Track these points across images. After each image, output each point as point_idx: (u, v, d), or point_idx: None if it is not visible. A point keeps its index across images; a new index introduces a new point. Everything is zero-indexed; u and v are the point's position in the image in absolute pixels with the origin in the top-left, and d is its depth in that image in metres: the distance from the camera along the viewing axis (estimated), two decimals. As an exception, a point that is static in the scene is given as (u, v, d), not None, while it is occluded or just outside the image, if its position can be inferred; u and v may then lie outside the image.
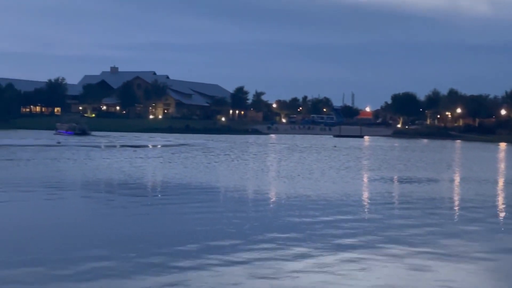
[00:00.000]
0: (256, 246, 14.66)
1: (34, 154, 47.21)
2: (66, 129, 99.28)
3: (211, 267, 12.63)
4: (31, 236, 15.49)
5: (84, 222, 17.96)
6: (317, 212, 20.49)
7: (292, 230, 16.90)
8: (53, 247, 14.17)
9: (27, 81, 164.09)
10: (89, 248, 14.07)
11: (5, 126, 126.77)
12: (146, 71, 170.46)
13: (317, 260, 13.46)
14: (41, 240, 15.08)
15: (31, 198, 22.74)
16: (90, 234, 15.94)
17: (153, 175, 33.52)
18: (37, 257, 13.12)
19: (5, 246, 14.16)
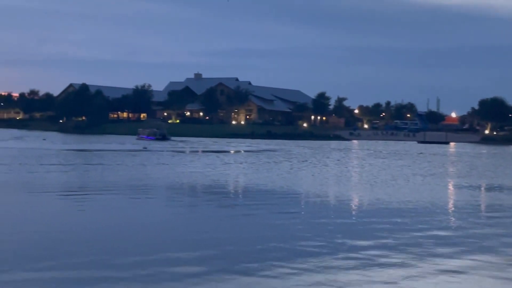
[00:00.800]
0: (342, 254, 14.52)
1: (122, 159, 48.72)
2: (147, 134, 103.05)
3: (301, 273, 12.62)
4: (117, 238, 15.91)
5: (167, 224, 18.32)
6: (401, 219, 20.09)
7: (376, 238, 16.64)
8: (138, 249, 14.52)
9: (115, 88, 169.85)
10: (173, 251, 14.34)
11: (95, 131, 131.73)
12: (229, 78, 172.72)
13: (410, 270, 13.11)
14: (126, 242, 15.46)
15: (118, 201, 23.42)
16: (173, 237, 16.26)
17: (236, 180, 33.86)
18: (121, 260, 13.51)
19: (92, 247, 14.61)
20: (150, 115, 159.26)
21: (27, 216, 19.02)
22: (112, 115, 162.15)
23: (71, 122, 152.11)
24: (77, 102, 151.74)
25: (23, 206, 21.01)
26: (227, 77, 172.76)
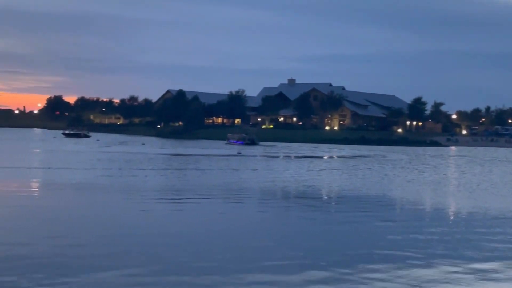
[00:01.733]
0: (443, 267, 14.16)
1: (217, 163, 49.63)
2: (236, 139, 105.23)
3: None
4: (210, 243, 16.18)
5: (260, 229, 18.48)
6: (502, 229, 19.32)
7: (477, 248, 16.10)
8: (230, 255, 14.73)
9: (210, 93, 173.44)
10: (269, 259, 14.46)
11: (190, 136, 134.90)
12: (322, 83, 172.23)
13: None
14: (220, 247, 15.70)
15: (213, 205, 23.85)
16: (267, 241, 16.37)
17: (330, 186, 33.68)
18: (215, 264, 13.76)
19: (184, 250, 14.94)
20: (244, 121, 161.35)
21: (125, 219, 19.71)
22: (207, 120, 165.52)
23: (168, 127, 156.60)
24: (174, 108, 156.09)
25: (123, 209, 21.80)
26: (320, 83, 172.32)
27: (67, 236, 15.80)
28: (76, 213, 20.04)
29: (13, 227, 16.74)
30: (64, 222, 18.05)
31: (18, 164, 41.76)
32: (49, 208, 20.97)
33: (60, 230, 16.68)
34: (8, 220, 18.06)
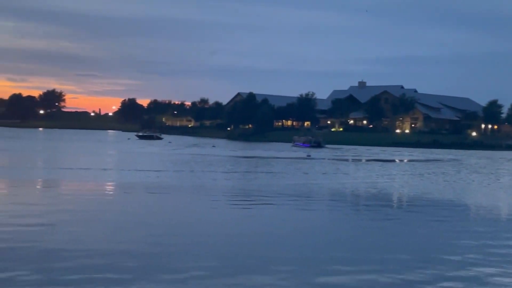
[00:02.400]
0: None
1: (287, 166, 49.68)
2: (302, 142, 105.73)
3: None
4: (278, 246, 16.22)
5: (330, 232, 18.38)
6: None
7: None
8: (298, 260, 14.73)
9: (280, 96, 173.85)
10: (338, 262, 14.39)
11: (259, 139, 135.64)
12: (393, 85, 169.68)
13: None
14: (288, 251, 15.72)
15: (283, 208, 23.89)
16: (335, 244, 16.28)
17: (401, 190, 33.13)
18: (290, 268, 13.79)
19: (257, 254, 15.04)
20: (313, 123, 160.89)
21: (196, 220, 20.01)
22: (277, 123, 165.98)
23: (238, 130, 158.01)
24: (244, 111, 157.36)
25: (195, 211, 22.15)
26: (391, 85, 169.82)
27: (150, 236, 16.17)
28: (153, 214, 20.52)
29: (97, 229, 17.28)
30: (143, 223, 18.49)
31: (95, 165, 43.07)
32: (126, 209, 21.54)
33: (143, 230, 17.09)
34: (90, 221, 18.66)
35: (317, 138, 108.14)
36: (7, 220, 17.66)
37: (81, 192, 26.03)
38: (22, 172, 35.45)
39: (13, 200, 22.20)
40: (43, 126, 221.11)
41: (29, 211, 19.45)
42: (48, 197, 24.23)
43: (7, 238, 14.96)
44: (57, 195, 24.90)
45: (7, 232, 15.74)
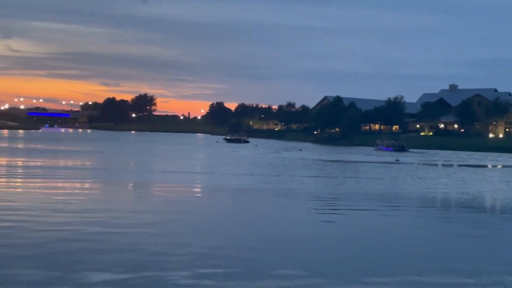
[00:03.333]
0: None
1: (374, 170, 49.06)
2: (385, 145, 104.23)
3: None
4: (364, 256, 16.04)
5: (425, 240, 18.00)
6: None
7: None
8: (389, 269, 14.53)
9: (367, 100, 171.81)
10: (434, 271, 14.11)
11: (346, 143, 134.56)
12: (486, 88, 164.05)
13: None
14: (372, 261, 15.53)
15: (370, 214, 23.62)
16: (426, 252, 15.93)
17: (497, 197, 32.00)
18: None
19: (350, 261, 14.95)
20: (402, 127, 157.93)
21: (277, 223, 20.13)
22: (364, 127, 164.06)
23: (324, 134, 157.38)
24: (331, 114, 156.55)
25: (282, 214, 22.29)
26: (484, 88, 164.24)
27: (246, 237, 16.43)
28: (246, 216, 20.84)
29: (198, 230, 17.73)
30: (231, 226, 18.82)
31: (186, 168, 44.12)
32: (218, 211, 21.97)
33: (242, 231, 17.39)
34: (193, 223, 19.17)
35: (400, 141, 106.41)
36: (105, 223, 18.38)
37: (173, 194, 26.75)
38: (116, 174, 36.83)
39: (108, 204, 23.05)
40: (135, 129, 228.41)
41: (122, 214, 20.17)
42: (141, 199, 25.07)
43: (105, 240, 15.55)
44: (151, 198, 25.72)
45: (107, 234, 16.38)
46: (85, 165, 43.69)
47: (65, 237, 15.14)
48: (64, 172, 35.84)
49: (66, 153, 57.85)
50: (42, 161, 44.91)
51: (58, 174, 34.25)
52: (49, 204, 20.74)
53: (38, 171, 35.48)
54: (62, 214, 18.69)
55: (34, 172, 34.71)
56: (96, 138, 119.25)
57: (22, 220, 17.30)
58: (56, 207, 20.08)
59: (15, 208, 19.65)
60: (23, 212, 18.82)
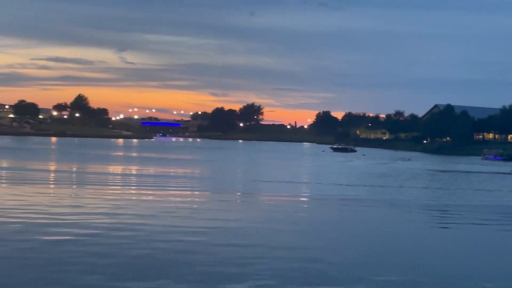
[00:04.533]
0: None
1: (489, 182, 47.00)
2: (493, 155, 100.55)
3: None
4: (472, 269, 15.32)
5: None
6: None
7: None
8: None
9: (480, 108, 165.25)
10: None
11: (457, 152, 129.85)
12: None
13: None
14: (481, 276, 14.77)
15: (487, 228, 22.60)
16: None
17: None
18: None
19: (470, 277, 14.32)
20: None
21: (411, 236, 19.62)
22: (477, 136, 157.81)
23: (434, 143, 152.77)
24: (441, 123, 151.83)
25: (390, 225, 21.76)
26: None
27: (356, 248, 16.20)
28: (356, 227, 20.55)
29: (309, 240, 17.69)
30: (349, 236, 18.59)
31: (293, 178, 44.20)
32: (330, 222, 21.80)
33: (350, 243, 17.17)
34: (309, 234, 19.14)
35: (509, 151, 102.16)
36: (212, 236, 18.66)
37: (281, 204, 26.82)
38: (226, 183, 37.47)
39: (217, 214, 23.40)
40: (243, 138, 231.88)
41: (235, 225, 20.41)
42: (249, 209, 25.31)
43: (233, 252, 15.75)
44: (260, 207, 25.91)
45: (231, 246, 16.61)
46: (198, 173, 44.81)
47: (195, 249, 15.22)
48: (175, 181, 36.88)
49: (177, 162, 59.61)
50: (154, 169, 46.56)
51: (169, 183, 35.29)
52: (166, 212, 21.34)
53: (151, 179, 36.78)
54: (190, 222, 19.15)
55: (152, 180, 36.00)
56: (205, 147, 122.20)
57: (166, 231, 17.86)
58: (179, 215, 20.60)
59: (142, 215, 20.34)
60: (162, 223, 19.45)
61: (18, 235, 15.69)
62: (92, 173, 40.03)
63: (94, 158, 61.25)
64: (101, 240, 15.50)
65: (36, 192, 26.02)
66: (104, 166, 48.53)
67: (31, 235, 15.68)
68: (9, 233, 15.85)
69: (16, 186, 29.05)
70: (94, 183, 32.04)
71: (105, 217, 19.44)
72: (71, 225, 17.55)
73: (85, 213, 20.13)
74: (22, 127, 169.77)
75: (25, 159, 52.02)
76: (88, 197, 24.91)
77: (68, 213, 19.94)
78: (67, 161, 53.71)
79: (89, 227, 17.36)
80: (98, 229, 17.06)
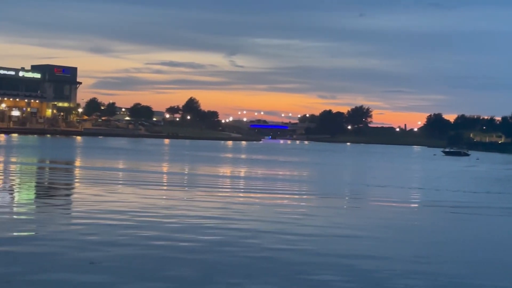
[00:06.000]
0: None
1: None
2: None
3: None
4: None
5: None
6: None
7: None
8: None
9: None
10: None
11: None
12: None
13: None
14: None
15: None
16: None
17: None
18: None
19: None
20: None
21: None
22: None
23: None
24: None
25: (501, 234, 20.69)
26: None
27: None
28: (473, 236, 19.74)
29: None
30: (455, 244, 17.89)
31: (403, 183, 43.19)
32: (443, 231, 21.07)
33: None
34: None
35: None
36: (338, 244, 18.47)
37: (393, 211, 26.23)
38: (333, 187, 37.16)
39: (328, 219, 23.20)
40: (351, 141, 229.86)
41: (336, 225, 20.14)
42: (359, 216, 24.91)
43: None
44: (370, 214, 25.46)
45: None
46: (305, 176, 44.78)
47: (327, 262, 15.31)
48: (283, 184, 36.96)
49: (285, 164, 59.84)
50: (262, 172, 47.01)
51: (277, 186, 35.42)
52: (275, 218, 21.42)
53: (260, 182, 37.14)
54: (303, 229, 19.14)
55: (261, 183, 36.37)
56: (313, 150, 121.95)
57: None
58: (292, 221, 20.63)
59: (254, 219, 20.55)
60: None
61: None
62: (203, 175, 41.01)
63: (205, 159, 62.79)
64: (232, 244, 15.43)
65: (149, 195, 26.87)
66: (213, 168, 49.63)
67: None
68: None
69: (143, 188, 30.15)
70: (204, 186, 32.75)
71: (219, 221, 19.69)
72: (189, 229, 17.85)
73: (200, 216, 20.45)
74: (137, 129, 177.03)
75: (141, 160, 54.26)
76: (201, 200, 25.39)
77: (182, 215, 20.36)
78: (180, 162, 55.40)
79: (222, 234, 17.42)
80: (226, 234, 17.16)
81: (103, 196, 24.59)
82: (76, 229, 16.39)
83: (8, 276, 11.03)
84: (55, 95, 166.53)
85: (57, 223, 17.42)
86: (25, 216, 18.83)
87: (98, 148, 78.23)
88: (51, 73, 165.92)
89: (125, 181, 34.29)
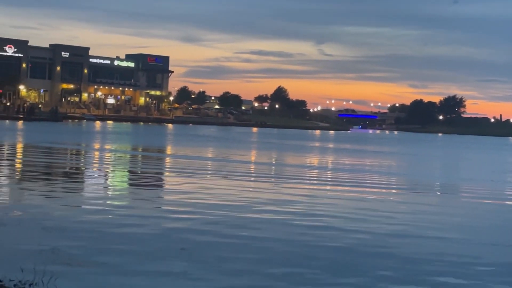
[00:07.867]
0: None
1: None
2: None
3: None
4: None
5: None
6: None
7: None
8: None
9: None
10: None
11: None
12: None
13: None
14: None
15: None
16: None
17: None
18: None
19: None
20: None
21: None
22: None
23: None
24: None
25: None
26: None
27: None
28: None
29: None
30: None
31: (499, 177, 41.59)
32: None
33: None
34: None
35: None
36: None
37: (489, 209, 25.18)
38: (423, 180, 36.15)
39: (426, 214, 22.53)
40: (442, 131, 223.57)
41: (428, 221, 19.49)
42: (455, 213, 24.05)
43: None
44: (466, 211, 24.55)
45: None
46: (394, 168, 43.83)
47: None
48: (371, 176, 36.25)
49: (374, 154, 58.84)
50: (350, 162, 46.41)
51: (365, 178, 34.79)
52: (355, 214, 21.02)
53: (348, 174, 36.65)
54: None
55: (349, 176, 35.93)
56: (403, 139, 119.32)
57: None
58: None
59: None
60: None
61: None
62: (290, 166, 40.98)
63: (292, 148, 62.87)
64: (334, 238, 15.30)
65: (234, 186, 26.99)
66: (302, 157, 49.55)
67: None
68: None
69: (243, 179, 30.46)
70: (291, 177, 32.60)
71: (307, 218, 19.48)
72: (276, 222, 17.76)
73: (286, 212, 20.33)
74: (226, 118, 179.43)
75: (229, 148, 55.05)
76: (288, 193, 25.19)
77: (269, 210, 20.28)
78: (268, 151, 55.70)
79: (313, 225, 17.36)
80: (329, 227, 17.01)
81: (197, 185, 24.95)
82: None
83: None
84: (148, 84, 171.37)
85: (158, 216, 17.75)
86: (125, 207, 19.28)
87: (189, 135, 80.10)
88: (144, 62, 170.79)
89: (215, 171, 34.83)
